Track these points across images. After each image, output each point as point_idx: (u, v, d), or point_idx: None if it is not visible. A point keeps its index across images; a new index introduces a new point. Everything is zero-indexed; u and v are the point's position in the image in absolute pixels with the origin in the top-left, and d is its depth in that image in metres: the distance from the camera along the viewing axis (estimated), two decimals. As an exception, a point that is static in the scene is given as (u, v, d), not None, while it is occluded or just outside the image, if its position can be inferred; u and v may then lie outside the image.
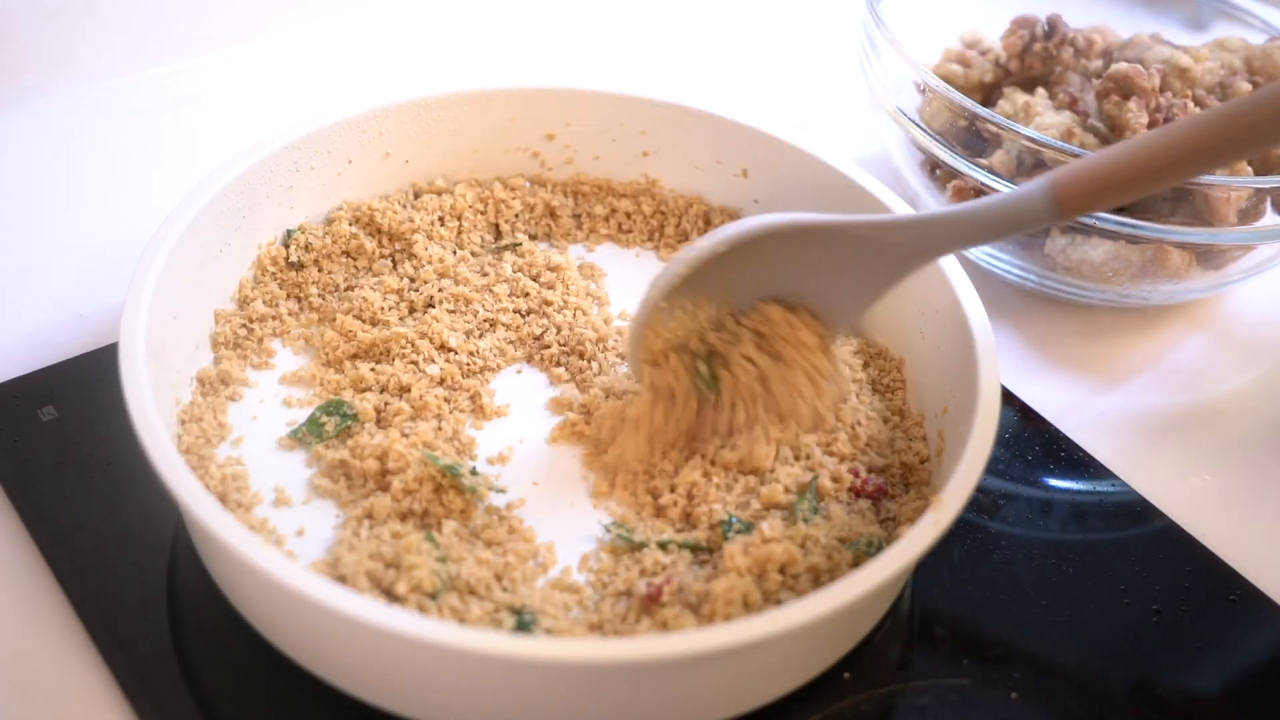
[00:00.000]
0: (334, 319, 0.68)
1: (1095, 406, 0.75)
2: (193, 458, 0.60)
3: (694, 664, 0.50)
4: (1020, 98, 0.80)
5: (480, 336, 0.68)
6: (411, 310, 0.69)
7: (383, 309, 0.68)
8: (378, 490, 0.59)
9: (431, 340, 0.66)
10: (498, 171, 0.77)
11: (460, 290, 0.71)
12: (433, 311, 0.68)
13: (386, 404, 0.63)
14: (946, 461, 0.61)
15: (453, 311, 0.69)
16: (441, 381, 0.65)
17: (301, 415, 0.64)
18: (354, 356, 0.66)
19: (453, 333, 0.67)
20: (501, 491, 0.60)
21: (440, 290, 0.70)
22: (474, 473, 0.60)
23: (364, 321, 0.68)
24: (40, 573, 0.58)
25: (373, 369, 0.65)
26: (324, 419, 0.63)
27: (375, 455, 0.60)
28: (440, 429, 0.63)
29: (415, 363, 0.66)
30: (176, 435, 0.60)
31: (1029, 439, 0.71)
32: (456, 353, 0.67)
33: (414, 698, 0.52)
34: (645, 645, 0.49)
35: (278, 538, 0.58)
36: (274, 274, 0.69)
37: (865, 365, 0.69)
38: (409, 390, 0.64)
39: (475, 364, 0.66)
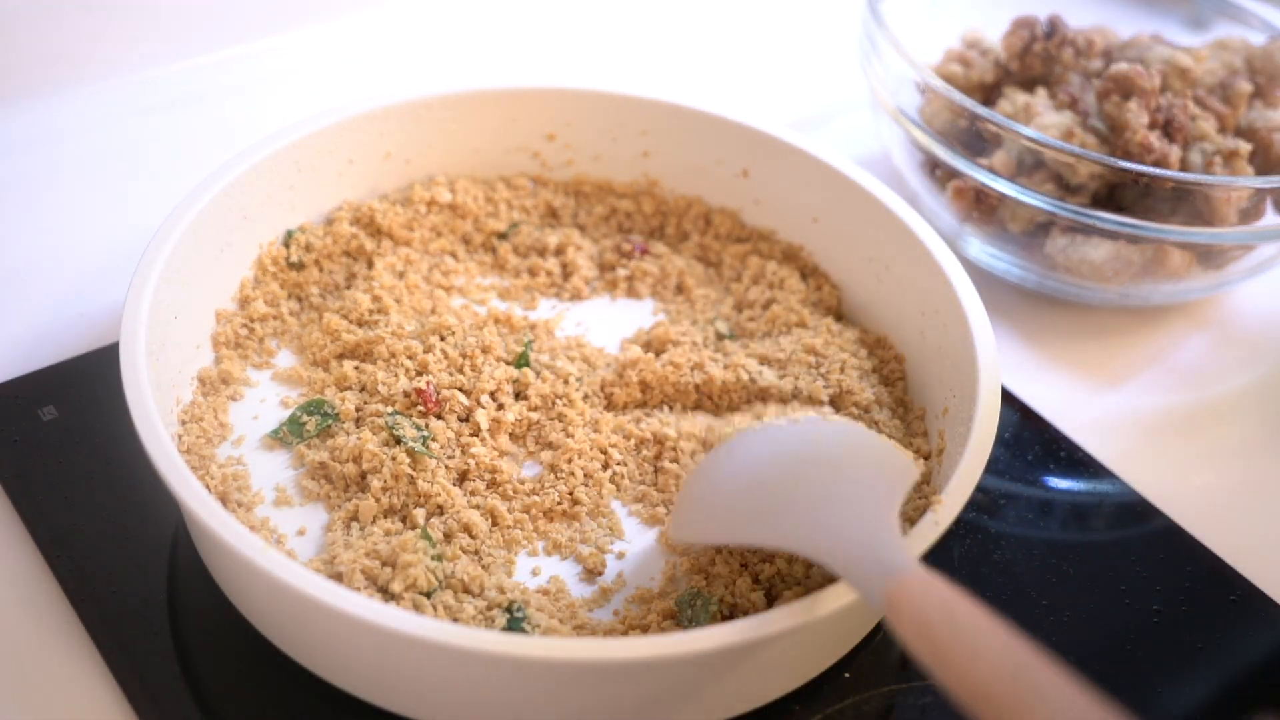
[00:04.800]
0: (323, 318, 0.68)
1: (1095, 406, 0.75)
2: (193, 458, 0.60)
3: (694, 664, 0.50)
4: (1021, 98, 0.80)
5: (481, 327, 0.68)
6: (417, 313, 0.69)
7: (371, 310, 0.68)
8: (359, 492, 0.60)
9: (433, 334, 0.66)
10: (498, 171, 0.77)
11: (456, 284, 0.71)
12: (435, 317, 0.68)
13: (366, 403, 0.64)
14: (946, 461, 0.61)
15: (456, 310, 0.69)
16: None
17: (296, 415, 0.64)
18: (339, 356, 0.66)
19: (451, 335, 0.67)
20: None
21: (435, 290, 0.70)
22: (424, 443, 0.61)
23: (351, 322, 0.68)
24: (40, 573, 0.58)
25: (356, 368, 0.65)
26: (305, 418, 0.63)
27: (353, 457, 0.60)
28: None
29: (400, 363, 0.65)
30: (177, 435, 0.60)
31: (1029, 439, 0.71)
32: (454, 333, 0.67)
33: (412, 696, 0.52)
34: (644, 645, 0.49)
35: (278, 537, 0.58)
36: (275, 274, 0.69)
37: (869, 353, 0.69)
38: (390, 389, 0.64)
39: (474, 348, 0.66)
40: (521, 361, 0.66)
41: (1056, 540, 0.66)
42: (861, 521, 0.49)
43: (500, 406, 0.64)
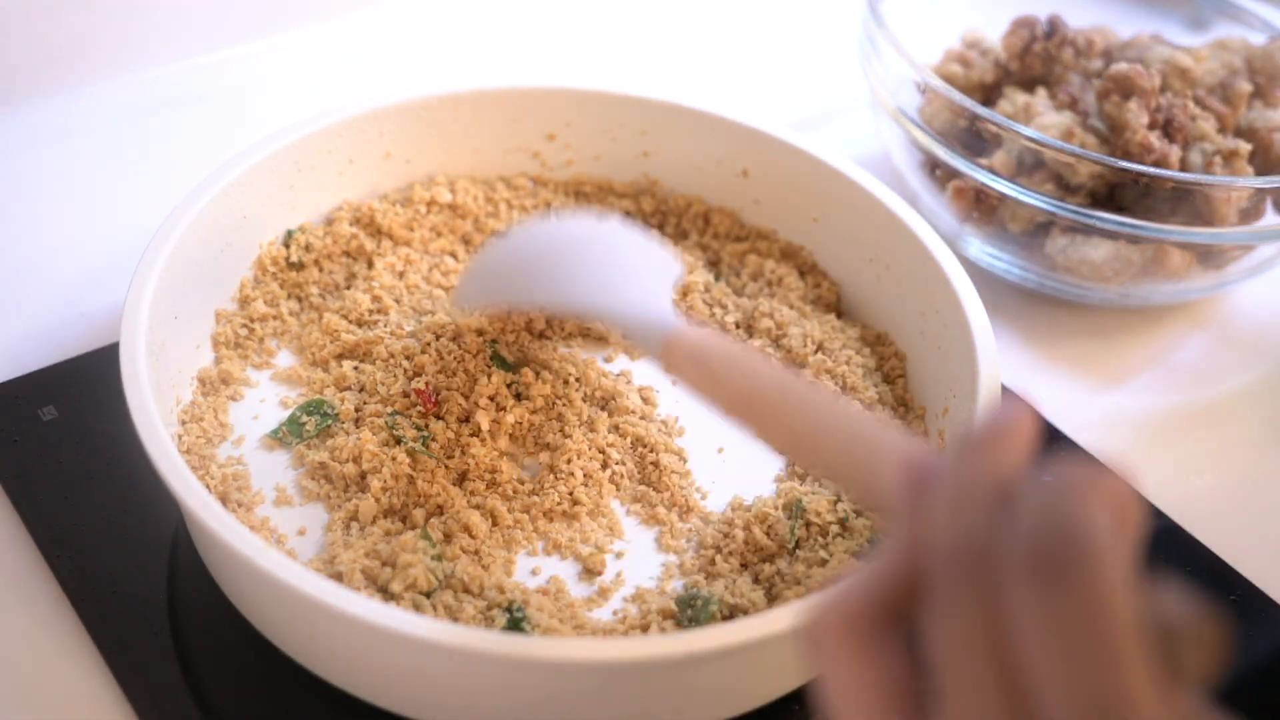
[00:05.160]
0: (322, 318, 0.68)
1: (1095, 406, 0.75)
2: (194, 458, 0.60)
3: (694, 664, 0.50)
4: (1020, 98, 0.80)
5: (479, 333, 0.68)
6: (418, 313, 0.69)
7: (371, 310, 0.68)
8: (359, 492, 0.60)
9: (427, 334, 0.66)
10: (498, 171, 0.77)
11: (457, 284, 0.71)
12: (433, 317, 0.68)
13: (365, 403, 0.63)
14: (947, 461, 0.61)
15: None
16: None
17: (295, 415, 0.64)
18: (339, 356, 0.66)
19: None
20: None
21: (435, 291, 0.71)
22: (424, 443, 0.61)
23: (350, 322, 0.68)
24: (40, 573, 0.58)
25: (356, 368, 0.65)
26: (304, 418, 0.62)
27: (353, 457, 0.60)
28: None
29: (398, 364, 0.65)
30: (177, 435, 0.60)
31: (1029, 439, 0.71)
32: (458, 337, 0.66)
33: (412, 696, 0.52)
34: (645, 645, 0.49)
35: (278, 537, 0.58)
36: (274, 274, 0.69)
37: (870, 351, 0.70)
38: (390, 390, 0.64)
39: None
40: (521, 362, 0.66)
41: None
42: (640, 291, 0.57)
43: (500, 408, 0.64)
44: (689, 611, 0.55)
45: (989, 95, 0.84)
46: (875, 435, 0.41)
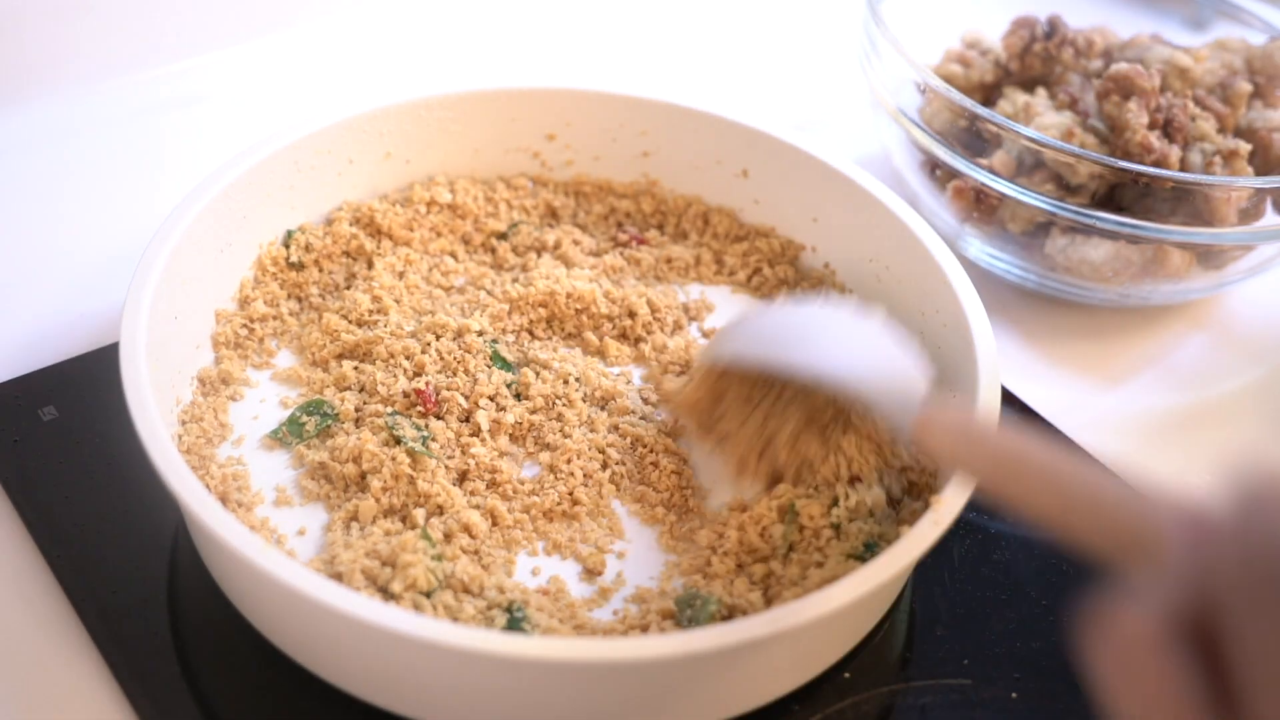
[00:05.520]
0: (322, 318, 0.68)
1: (1095, 406, 0.75)
2: (193, 458, 0.60)
3: (694, 664, 0.50)
4: (1020, 98, 0.80)
5: (480, 334, 0.68)
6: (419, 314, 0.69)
7: (371, 310, 0.68)
8: (359, 492, 0.60)
9: (431, 332, 0.66)
10: (498, 171, 0.77)
11: (456, 284, 0.71)
12: (434, 317, 0.68)
13: (365, 403, 0.63)
14: (946, 461, 0.61)
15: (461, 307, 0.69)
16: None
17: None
18: (339, 356, 0.66)
19: (446, 332, 0.67)
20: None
21: (435, 292, 0.71)
22: (425, 443, 0.60)
23: (350, 322, 0.68)
24: (40, 573, 0.58)
25: (356, 368, 0.65)
26: (304, 419, 0.63)
27: (353, 457, 0.60)
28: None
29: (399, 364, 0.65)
30: (177, 435, 0.60)
31: (1029, 439, 0.71)
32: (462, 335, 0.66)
33: (412, 696, 0.52)
34: (644, 645, 0.49)
35: (278, 537, 0.58)
36: (274, 274, 0.69)
37: None
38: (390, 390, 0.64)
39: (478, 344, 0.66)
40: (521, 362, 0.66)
41: (1056, 540, 0.66)
42: (898, 375, 0.57)
43: (500, 408, 0.64)
44: (688, 612, 0.55)
45: (989, 95, 0.84)
46: (1129, 493, 0.43)
